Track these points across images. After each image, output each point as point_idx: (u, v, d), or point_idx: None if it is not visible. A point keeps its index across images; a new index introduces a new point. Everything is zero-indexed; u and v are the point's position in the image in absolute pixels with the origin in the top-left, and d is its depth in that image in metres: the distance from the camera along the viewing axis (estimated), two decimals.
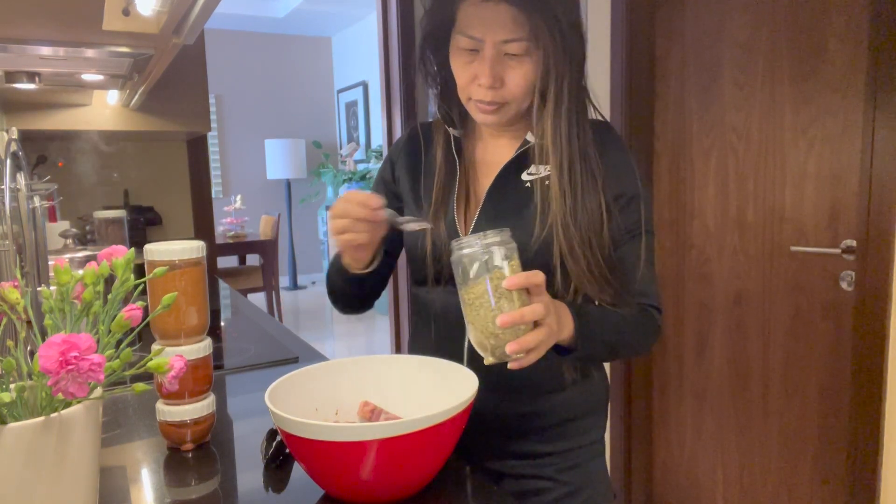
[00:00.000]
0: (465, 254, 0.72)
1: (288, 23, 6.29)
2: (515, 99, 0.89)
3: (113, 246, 0.69)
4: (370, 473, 0.68)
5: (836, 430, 1.75)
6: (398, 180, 1.05)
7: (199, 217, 2.55)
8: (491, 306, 0.71)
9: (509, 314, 0.69)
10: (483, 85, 0.86)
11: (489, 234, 0.72)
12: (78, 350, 0.53)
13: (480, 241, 0.72)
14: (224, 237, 5.02)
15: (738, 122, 1.89)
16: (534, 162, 0.92)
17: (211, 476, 0.82)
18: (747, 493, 1.99)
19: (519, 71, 0.86)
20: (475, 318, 0.72)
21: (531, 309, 0.70)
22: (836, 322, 1.72)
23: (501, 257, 0.72)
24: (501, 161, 0.96)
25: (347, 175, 6.08)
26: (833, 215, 1.71)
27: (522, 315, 0.70)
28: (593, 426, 1.00)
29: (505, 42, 0.84)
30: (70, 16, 0.97)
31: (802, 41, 1.72)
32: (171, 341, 0.85)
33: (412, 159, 1.04)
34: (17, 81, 1.35)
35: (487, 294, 0.71)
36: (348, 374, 0.88)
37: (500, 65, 0.86)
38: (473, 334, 0.73)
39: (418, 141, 1.05)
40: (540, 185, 0.91)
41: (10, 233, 1.03)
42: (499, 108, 0.89)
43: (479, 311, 0.72)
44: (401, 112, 2.88)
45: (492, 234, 0.72)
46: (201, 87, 2.16)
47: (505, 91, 0.88)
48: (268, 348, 1.40)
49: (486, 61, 0.85)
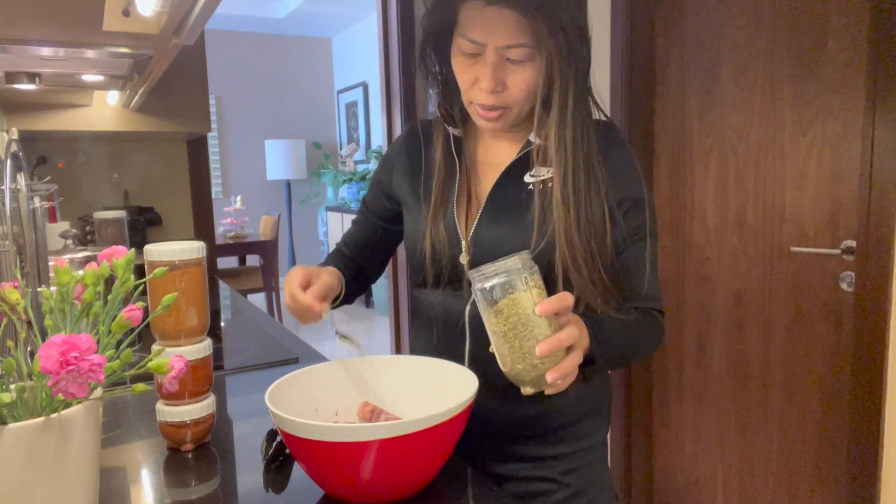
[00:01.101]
0: (491, 285, 0.69)
1: (288, 23, 6.29)
2: (517, 103, 0.88)
3: (113, 246, 0.69)
4: (370, 474, 0.68)
5: (836, 431, 1.75)
6: (395, 181, 1.04)
7: (199, 217, 2.55)
8: (526, 335, 0.68)
9: (548, 342, 0.67)
10: (484, 89, 0.86)
11: (510, 260, 0.69)
12: (78, 350, 0.53)
13: (504, 269, 0.68)
14: (224, 238, 5.02)
15: (738, 123, 1.89)
16: (536, 163, 0.91)
17: (211, 476, 0.82)
18: (747, 494, 1.99)
19: (521, 75, 0.85)
20: (511, 350, 0.69)
21: (567, 333, 0.69)
22: (836, 323, 1.72)
23: (528, 283, 0.69)
24: (503, 162, 0.95)
25: (347, 175, 6.08)
26: (833, 216, 1.71)
27: (560, 341, 0.68)
28: (596, 428, 0.99)
29: (507, 47, 0.83)
30: (70, 16, 0.97)
31: (802, 42, 1.72)
32: (171, 342, 0.85)
33: (412, 158, 1.03)
34: (18, 82, 1.35)
35: (520, 324, 0.68)
36: (348, 375, 0.88)
37: (502, 69, 0.85)
38: (509, 365, 0.70)
39: (418, 139, 1.03)
40: (542, 187, 0.90)
41: (10, 233, 1.04)
42: (501, 113, 0.89)
43: (513, 343, 0.69)
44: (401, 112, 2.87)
45: (512, 259, 0.69)
46: (201, 87, 2.16)
47: (507, 95, 0.87)
48: (268, 349, 1.40)
49: (487, 65, 0.84)
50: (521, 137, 0.96)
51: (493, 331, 0.70)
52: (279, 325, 1.66)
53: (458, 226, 0.94)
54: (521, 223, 0.89)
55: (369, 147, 6.33)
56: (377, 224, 1.08)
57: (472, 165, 0.99)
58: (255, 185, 6.74)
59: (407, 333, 3.14)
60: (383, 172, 1.06)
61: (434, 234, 0.94)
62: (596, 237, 0.86)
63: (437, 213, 0.95)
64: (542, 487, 0.96)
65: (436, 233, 0.94)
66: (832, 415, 1.76)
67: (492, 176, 0.95)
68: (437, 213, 0.95)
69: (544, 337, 0.68)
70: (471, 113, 0.92)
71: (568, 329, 0.70)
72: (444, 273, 0.95)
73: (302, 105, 6.88)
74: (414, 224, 0.99)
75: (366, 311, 5.80)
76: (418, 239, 0.96)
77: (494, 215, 0.92)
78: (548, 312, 0.68)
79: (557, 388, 0.71)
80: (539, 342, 0.67)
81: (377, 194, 1.08)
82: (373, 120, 6.26)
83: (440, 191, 0.96)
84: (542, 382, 0.69)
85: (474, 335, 0.94)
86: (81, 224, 2.18)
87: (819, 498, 1.81)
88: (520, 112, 0.90)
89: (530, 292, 0.68)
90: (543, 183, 0.90)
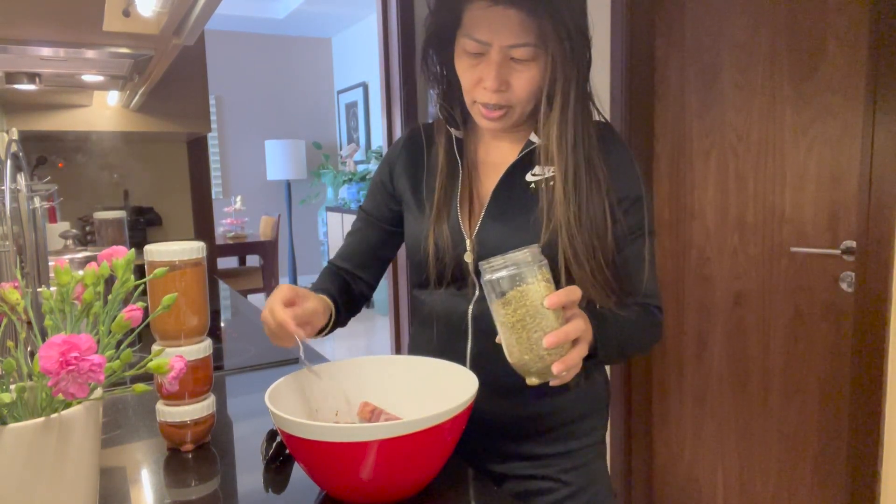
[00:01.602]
0: (501, 276, 0.70)
1: (288, 24, 6.29)
2: (520, 102, 0.88)
3: (113, 247, 0.69)
4: (370, 474, 0.68)
5: (836, 431, 1.75)
6: (397, 183, 1.04)
7: (199, 218, 2.55)
8: (534, 327, 0.69)
9: (555, 334, 0.69)
10: (489, 88, 0.86)
11: (520, 252, 0.70)
12: (78, 351, 0.53)
13: (514, 262, 0.70)
14: (224, 238, 5.02)
15: (738, 123, 1.89)
16: (538, 162, 0.92)
17: (211, 477, 0.82)
18: (747, 494, 1.99)
19: (525, 75, 0.86)
20: (519, 341, 0.70)
21: (574, 326, 0.70)
22: (836, 323, 1.72)
23: (537, 276, 0.70)
24: (504, 162, 0.95)
25: (347, 176, 6.08)
26: (833, 216, 1.71)
27: (567, 333, 0.69)
28: (595, 426, 1.00)
29: (512, 47, 0.84)
30: (70, 17, 0.97)
31: (802, 42, 1.72)
32: (172, 342, 0.85)
33: (413, 160, 1.03)
34: (18, 82, 1.35)
35: (528, 316, 0.69)
36: (348, 375, 0.88)
37: (506, 68, 0.86)
38: (516, 356, 0.71)
39: (420, 141, 1.04)
40: (544, 186, 0.91)
41: (10, 233, 1.04)
42: (504, 113, 0.89)
43: (521, 334, 0.70)
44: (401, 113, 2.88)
45: (522, 252, 0.70)
46: (201, 88, 2.16)
47: (510, 95, 0.87)
48: (268, 349, 1.40)
49: (492, 65, 0.85)
50: (521, 138, 0.97)
51: (501, 322, 0.71)
52: None
53: (462, 225, 0.94)
54: (523, 221, 0.91)
55: (369, 147, 6.33)
56: (380, 228, 1.08)
57: (473, 166, 1.00)
58: (255, 186, 6.74)
59: (407, 334, 3.14)
60: (384, 174, 1.07)
61: (438, 233, 0.95)
62: (597, 233, 0.87)
63: (441, 213, 0.96)
64: (541, 486, 0.96)
65: (439, 232, 0.95)
66: (832, 415, 1.76)
67: (493, 176, 0.96)
68: (441, 214, 0.96)
69: (551, 329, 0.69)
70: (473, 113, 0.93)
71: (575, 322, 0.71)
72: (448, 272, 0.95)
73: (302, 105, 6.88)
74: (416, 225, 0.99)
75: (366, 311, 5.80)
76: (421, 239, 0.97)
77: (498, 214, 0.93)
78: (557, 305, 0.69)
79: (562, 379, 0.72)
80: (546, 334, 0.69)
81: (380, 197, 1.07)
82: (373, 120, 6.26)
83: (443, 191, 0.97)
84: (548, 373, 0.71)
85: (477, 334, 0.94)
86: (81, 224, 2.18)
87: (819, 498, 1.81)
88: (522, 112, 0.90)
89: (539, 285, 0.70)
90: (545, 181, 0.91)
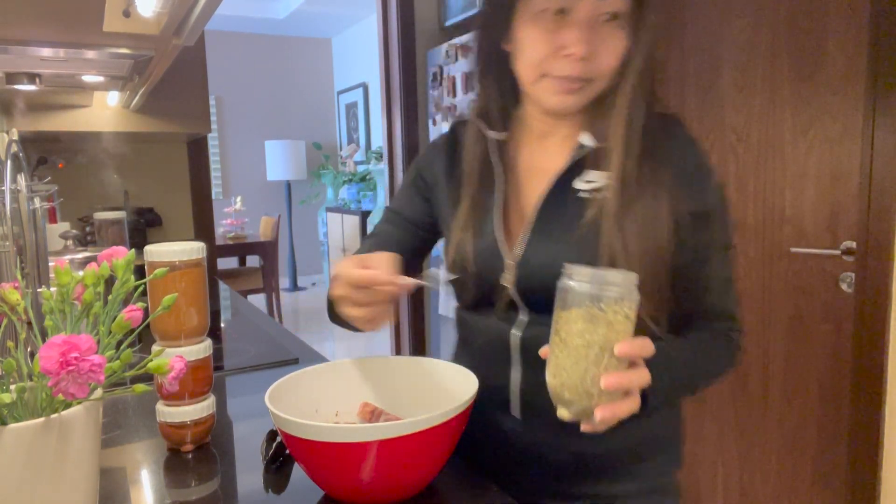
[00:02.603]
0: (581, 292, 0.59)
1: (288, 24, 6.30)
2: (603, 75, 0.75)
3: (113, 247, 0.69)
4: (370, 474, 0.68)
5: (836, 431, 1.75)
6: (434, 186, 0.92)
7: (199, 218, 2.55)
8: (592, 360, 0.60)
9: (617, 377, 0.59)
10: (577, 53, 0.72)
11: (613, 274, 0.60)
12: (78, 351, 0.53)
13: (622, 282, 0.60)
14: (224, 238, 5.02)
15: (738, 124, 1.89)
16: (590, 167, 0.78)
17: (211, 477, 0.82)
18: (747, 494, 1.99)
19: (613, 42, 0.73)
20: (569, 365, 0.61)
21: (639, 376, 0.61)
22: (836, 324, 1.72)
23: (621, 309, 0.59)
24: (550, 168, 0.81)
25: (347, 176, 6.08)
26: (833, 217, 1.71)
27: (630, 381, 0.60)
28: (665, 467, 0.89)
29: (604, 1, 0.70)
30: (70, 17, 0.97)
31: (802, 42, 1.72)
32: (172, 342, 0.85)
33: (452, 163, 0.90)
34: (18, 82, 1.35)
35: (596, 346, 0.59)
36: (348, 375, 0.88)
37: (594, 32, 0.72)
38: (559, 380, 0.62)
39: (457, 142, 0.91)
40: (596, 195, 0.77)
41: (10, 234, 1.04)
42: (581, 86, 0.75)
43: (577, 362, 0.60)
44: (401, 113, 2.88)
45: (615, 276, 0.60)
46: (202, 88, 2.16)
47: (594, 66, 0.74)
48: (268, 349, 1.40)
49: (579, 26, 0.71)
50: (568, 137, 0.83)
51: (563, 337, 0.61)
52: (279, 325, 1.67)
53: (499, 242, 0.81)
54: (575, 241, 0.77)
55: (369, 148, 6.33)
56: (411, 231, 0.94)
57: (511, 172, 0.86)
58: (255, 186, 6.74)
59: (407, 334, 3.14)
60: (422, 178, 0.94)
61: (473, 252, 0.82)
62: (657, 253, 0.75)
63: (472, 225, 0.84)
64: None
65: (476, 251, 0.82)
66: (832, 415, 1.76)
67: (537, 184, 0.82)
68: (471, 226, 0.84)
69: (614, 368, 0.60)
70: (536, 92, 0.78)
71: (640, 371, 0.62)
72: (487, 295, 0.83)
73: (302, 106, 6.88)
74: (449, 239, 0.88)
75: None
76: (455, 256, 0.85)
77: (544, 230, 0.79)
78: (626, 355, 0.60)
79: (594, 427, 0.62)
80: (606, 373, 0.60)
81: (414, 196, 0.94)
82: (373, 120, 6.27)
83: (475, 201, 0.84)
84: (586, 414, 0.62)
85: (525, 364, 0.82)
86: (81, 225, 2.18)
87: (819, 498, 1.81)
88: (598, 90, 0.77)
89: (622, 324, 0.60)
90: (597, 191, 0.77)
